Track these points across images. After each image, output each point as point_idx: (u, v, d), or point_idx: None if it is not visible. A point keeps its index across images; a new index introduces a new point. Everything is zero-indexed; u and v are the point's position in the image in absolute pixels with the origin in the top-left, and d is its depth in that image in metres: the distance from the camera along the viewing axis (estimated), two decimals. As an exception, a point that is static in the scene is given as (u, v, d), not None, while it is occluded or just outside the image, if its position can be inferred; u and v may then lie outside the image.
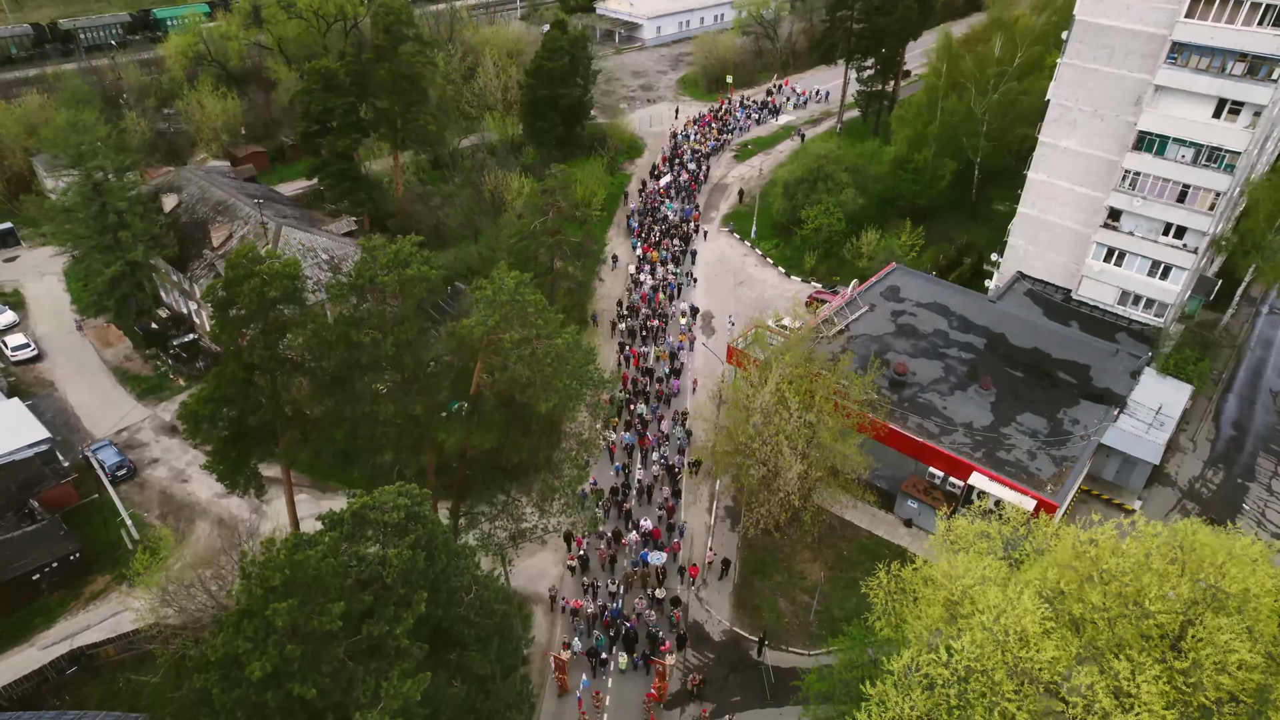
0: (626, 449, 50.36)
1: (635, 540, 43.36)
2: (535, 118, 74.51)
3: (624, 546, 43.78)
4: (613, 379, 37.06)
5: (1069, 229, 58.08)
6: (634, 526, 44.27)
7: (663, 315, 62.98)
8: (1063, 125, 55.80)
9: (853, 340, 54.10)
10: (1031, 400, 49.46)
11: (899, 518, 47.38)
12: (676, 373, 56.97)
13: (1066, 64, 53.91)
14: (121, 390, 56.08)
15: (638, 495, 47.73)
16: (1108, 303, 57.49)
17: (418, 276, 29.22)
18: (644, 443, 50.63)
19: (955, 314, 57.16)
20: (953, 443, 46.23)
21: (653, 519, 45.63)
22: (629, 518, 45.63)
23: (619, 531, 44.18)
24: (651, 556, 41.82)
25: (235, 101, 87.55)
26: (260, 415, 29.49)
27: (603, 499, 44.64)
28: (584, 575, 42.64)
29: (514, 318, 29.26)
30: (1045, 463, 45.12)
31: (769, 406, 37.23)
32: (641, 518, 45.01)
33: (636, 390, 55.04)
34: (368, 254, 29.96)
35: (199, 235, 58.05)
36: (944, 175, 73.66)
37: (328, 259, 55.59)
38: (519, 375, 28.82)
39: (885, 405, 47.22)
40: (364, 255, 30.13)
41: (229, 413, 29.95)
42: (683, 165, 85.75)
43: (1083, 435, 46.64)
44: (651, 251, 69.38)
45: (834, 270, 69.93)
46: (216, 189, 60.88)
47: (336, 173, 61.84)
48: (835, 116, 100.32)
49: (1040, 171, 58.05)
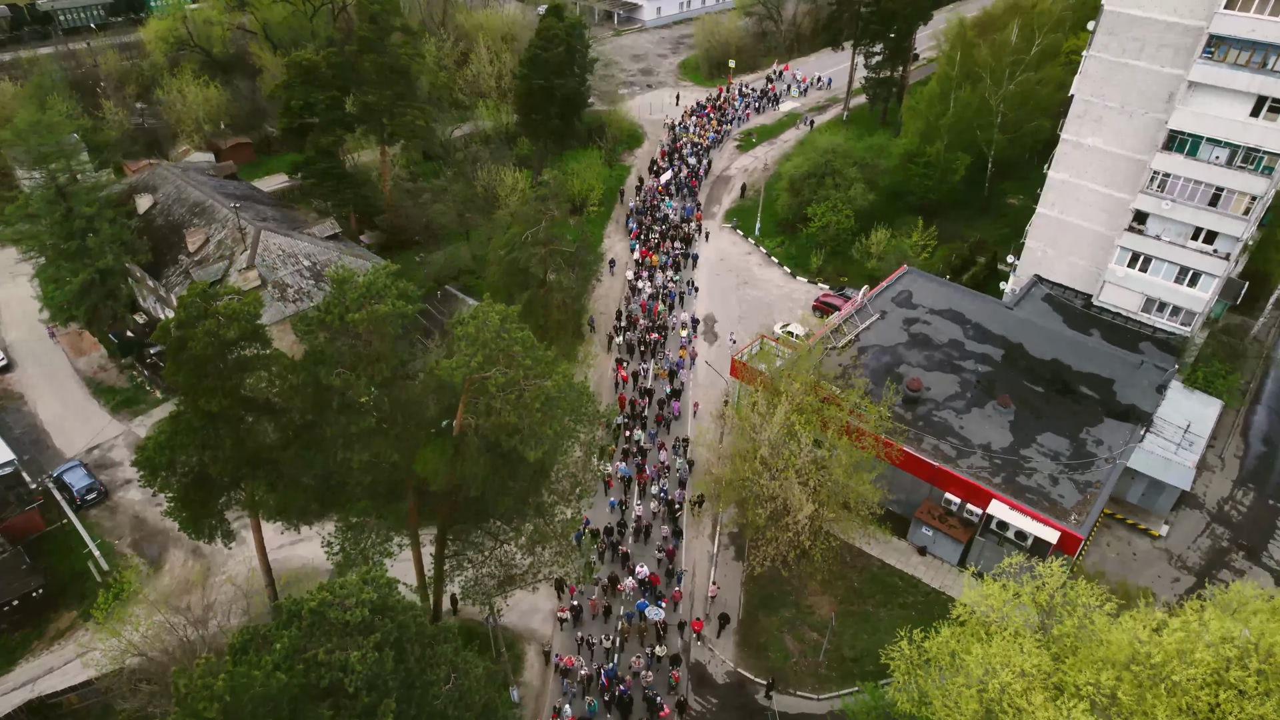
0: (623, 481, 47.05)
1: (632, 587, 40.44)
2: (530, 109, 71.09)
3: (620, 593, 40.87)
4: (609, 412, 34.32)
5: (1091, 231, 55.10)
6: (631, 572, 41.28)
7: (662, 328, 59.50)
8: (1087, 122, 52.62)
9: (864, 352, 51.32)
10: (1052, 418, 46.77)
11: (912, 544, 44.89)
12: (676, 394, 53.58)
13: (1093, 57, 50.63)
14: (94, 403, 53.43)
15: (635, 534, 44.38)
16: (1131, 310, 54.66)
17: (392, 314, 26.43)
18: (642, 476, 47.21)
19: (971, 322, 54.32)
20: (970, 467, 43.62)
21: (651, 563, 42.61)
22: (625, 560, 42.51)
23: (615, 577, 41.10)
24: (650, 611, 38.74)
25: (218, 90, 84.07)
26: (222, 464, 26.88)
27: (598, 539, 41.84)
28: (577, 628, 39.61)
29: (499, 357, 26.52)
30: (1068, 488, 42.53)
31: (778, 439, 34.58)
32: (638, 563, 41.88)
33: (634, 414, 51.72)
34: (336, 287, 27.14)
35: (175, 239, 55.10)
36: (957, 170, 70.42)
37: (309, 265, 52.70)
38: (505, 421, 26.17)
39: (900, 427, 44.58)
40: (332, 289, 27.31)
41: (189, 459, 27.37)
42: (683, 160, 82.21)
43: (1107, 458, 44.00)
44: (651, 255, 66.26)
45: (841, 270, 67.01)
46: (194, 189, 57.83)
47: (320, 171, 58.71)
48: (841, 103, 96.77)
49: (1062, 171, 54.95)
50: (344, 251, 54.62)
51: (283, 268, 51.81)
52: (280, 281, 51.23)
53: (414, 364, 53.40)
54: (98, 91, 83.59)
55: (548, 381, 26.53)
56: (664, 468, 48.30)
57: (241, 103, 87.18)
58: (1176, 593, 42.34)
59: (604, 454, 35.86)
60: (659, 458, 48.98)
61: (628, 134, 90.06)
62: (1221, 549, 44.69)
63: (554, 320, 43.55)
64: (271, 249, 52.18)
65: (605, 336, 57.73)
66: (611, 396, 53.28)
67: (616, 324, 58.40)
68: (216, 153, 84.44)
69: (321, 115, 56.95)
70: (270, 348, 27.63)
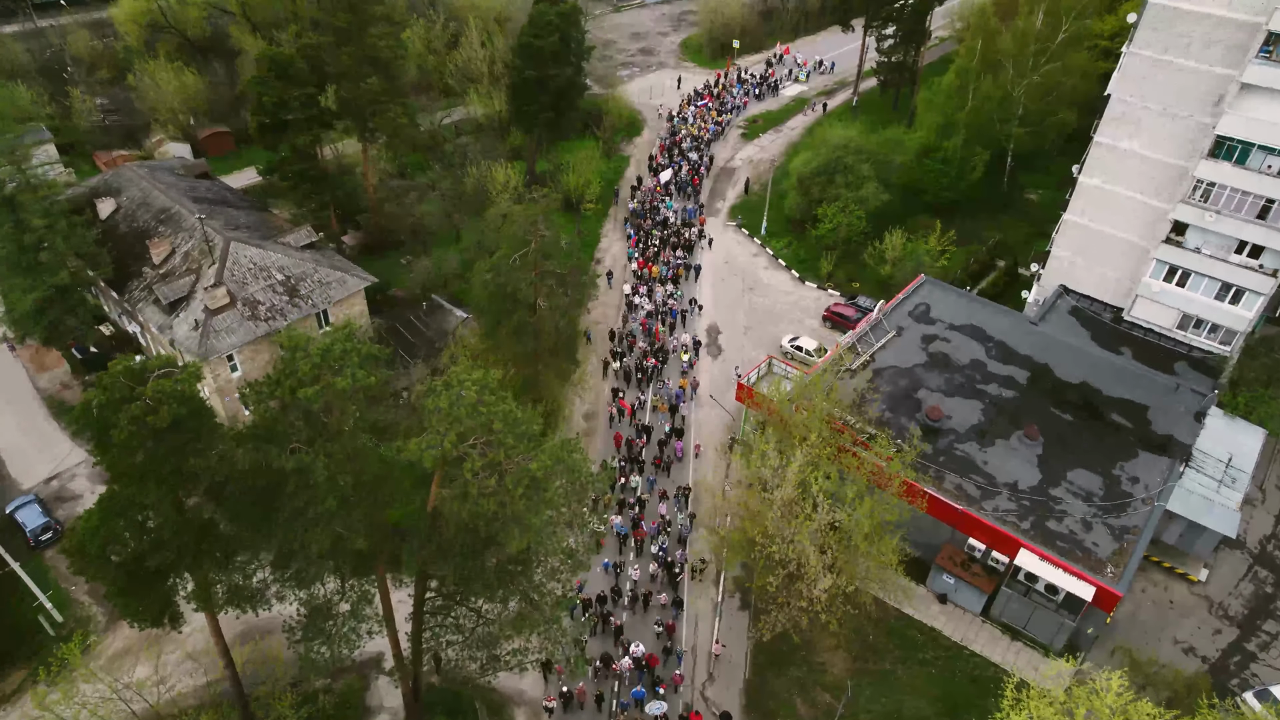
0: (618, 537, 42.72)
1: (627, 668, 36.38)
2: (522, 101, 66.71)
3: (613, 672, 36.93)
4: (606, 475, 30.82)
5: (1124, 242, 51.27)
6: (626, 650, 37.06)
7: (661, 352, 54.87)
8: (1124, 125, 48.56)
9: (879, 375, 47.77)
10: (1083, 451, 43.37)
11: (931, 591, 41.73)
12: (679, 433, 48.95)
13: (1133, 54, 46.46)
14: (55, 425, 50.01)
15: (631, 603, 40.01)
16: (1165, 326, 51.03)
17: (352, 389, 22.87)
18: (639, 533, 42.87)
19: (993, 339, 50.70)
20: (996, 509, 40.31)
21: (649, 638, 38.26)
22: (619, 635, 38.33)
23: (608, 656, 37.01)
24: (651, 706, 34.76)
25: (195, 76, 79.42)
26: (162, 553, 23.48)
27: (590, 611, 38.34)
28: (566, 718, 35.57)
29: (476, 436, 23.02)
30: (1103, 535, 39.25)
31: (791, 500, 31.21)
32: (634, 641, 37.38)
33: (631, 456, 47.31)
34: (288, 354, 23.53)
35: (139, 248, 51.24)
36: (975, 166, 66.34)
37: (283, 279, 48.92)
38: (483, 509, 22.79)
39: (920, 463, 41.23)
40: (283, 356, 23.71)
41: (124, 546, 24.04)
42: (683, 155, 77.43)
43: (1144, 499, 40.67)
44: (650, 267, 61.94)
45: (853, 275, 63.17)
46: (160, 192, 53.77)
47: (295, 173, 54.61)
48: (851, 87, 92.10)
49: (1094, 176, 50.97)
50: (321, 262, 50.79)
51: (254, 283, 48.05)
52: (251, 298, 47.51)
53: (397, 382, 50.33)
54: (64, 77, 78.94)
55: (533, 463, 23.04)
56: (664, 523, 43.94)
57: (219, 89, 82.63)
58: (1219, 647, 39.29)
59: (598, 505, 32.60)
60: (658, 509, 44.62)
61: (627, 122, 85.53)
62: (1265, 595, 41.58)
63: (545, 346, 39.95)
64: (242, 262, 48.35)
65: (601, 362, 53.69)
66: (606, 435, 49.47)
67: (613, 347, 54.39)
68: (193, 143, 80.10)
69: (296, 113, 52.74)
70: (214, 420, 24.10)
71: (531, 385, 42.20)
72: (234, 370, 47.22)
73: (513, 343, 39.99)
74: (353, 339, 24.15)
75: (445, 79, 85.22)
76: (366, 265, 64.27)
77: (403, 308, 56.32)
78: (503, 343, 40.60)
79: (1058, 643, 38.61)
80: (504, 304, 39.08)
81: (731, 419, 50.33)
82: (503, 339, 40.11)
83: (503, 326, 39.53)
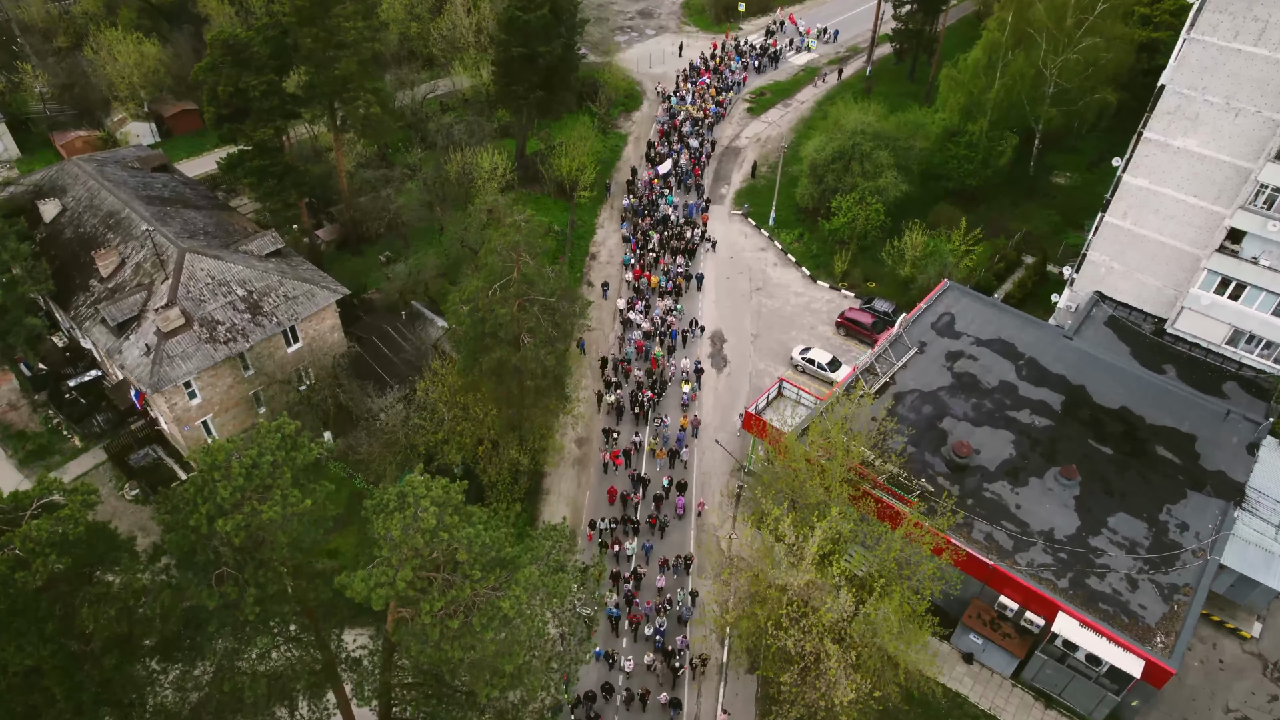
0: (611, 621, 37.91)
1: None
2: (509, 80, 61.04)
3: None
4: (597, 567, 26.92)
5: (1171, 248, 46.56)
6: None
7: (660, 382, 49.62)
8: (1180, 119, 43.41)
9: (900, 400, 43.54)
10: (1125, 493, 39.38)
11: (956, 649, 38.17)
12: (680, 487, 43.40)
13: (1196, 41, 41.13)
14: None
15: (625, 702, 35.34)
16: (1214, 341, 46.59)
17: (284, 518, 18.68)
18: (634, 616, 38.09)
19: (1024, 356, 46.34)
20: (1030, 564, 36.46)
21: None
22: None
23: None
24: None
25: (157, 47, 73.40)
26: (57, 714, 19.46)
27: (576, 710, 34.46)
28: None
29: (436, 568, 18.97)
30: (1150, 595, 35.45)
31: (808, 587, 27.27)
32: None
33: (624, 518, 42.43)
34: (203, 474, 19.24)
35: (86, 257, 46.58)
36: (1003, 151, 61.06)
37: (244, 295, 44.35)
38: (446, 655, 18.88)
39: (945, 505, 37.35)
40: (199, 475, 19.41)
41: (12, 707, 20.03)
42: (682, 141, 71.16)
43: (1196, 550, 36.79)
44: (649, 276, 56.62)
45: (870, 273, 58.41)
46: (109, 192, 48.82)
47: (257, 170, 49.49)
48: (864, 55, 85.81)
49: (1140, 175, 45.96)
50: (287, 273, 46.17)
51: (212, 300, 43.52)
52: (209, 318, 43.04)
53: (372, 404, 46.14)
54: (13, 50, 72.94)
55: (504, 601, 19.01)
56: (663, 601, 39.04)
57: (185, 60, 76.42)
58: (1275, 715, 35.81)
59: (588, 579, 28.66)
60: (655, 581, 39.78)
61: (624, 94, 79.79)
62: (1324, 654, 38.01)
63: (530, 386, 35.59)
64: (199, 276, 43.74)
65: (595, 395, 48.74)
66: (599, 489, 44.35)
67: (606, 376, 49.57)
68: (159, 121, 74.66)
69: (256, 105, 47.47)
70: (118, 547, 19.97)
71: (516, 424, 37.98)
72: (192, 397, 43.03)
73: (493, 382, 35.65)
74: (287, 445, 19.84)
75: (429, 48, 79.22)
76: (342, 262, 59.78)
77: (380, 316, 51.80)
78: (481, 381, 36.24)
79: (1098, 716, 35.16)
80: (481, 341, 34.59)
81: (739, 464, 45.84)
82: (481, 376, 35.73)
83: (481, 363, 35.12)
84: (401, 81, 74.70)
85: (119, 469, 44.63)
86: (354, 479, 44.47)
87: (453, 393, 39.08)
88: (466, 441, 39.13)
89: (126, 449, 45.63)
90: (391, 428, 40.82)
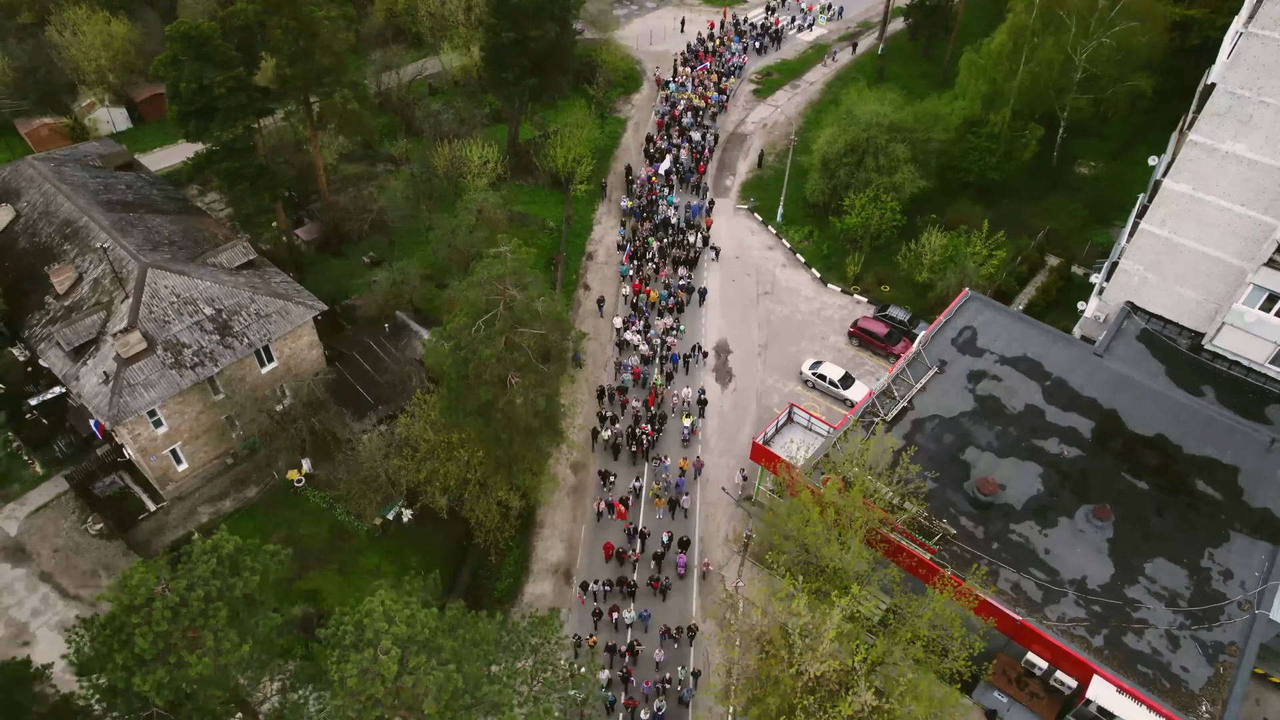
0: (605, 706, 34.01)
1: None
2: (499, 66, 56.86)
3: None
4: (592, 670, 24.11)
5: (1213, 259, 43.09)
6: None
7: (659, 417, 45.78)
8: (1230, 122, 39.65)
9: (919, 428, 40.48)
10: (1163, 535, 36.50)
11: (978, 705, 35.59)
12: (682, 544, 39.58)
13: (1255, 35, 37.22)
14: (-42, 481, 43.12)
15: None
16: (1257, 361, 43.35)
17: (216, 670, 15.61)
18: (630, 702, 34.29)
19: (1051, 376, 43.18)
20: (1062, 618, 33.69)
21: None
22: None
23: None
24: None
25: (126, 26, 69.00)
26: None
27: None
28: None
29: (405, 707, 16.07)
30: (1193, 654, 32.74)
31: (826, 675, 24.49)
32: None
33: (621, 579, 38.74)
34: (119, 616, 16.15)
35: (41, 271, 43.19)
36: (1028, 144, 57.18)
37: (212, 314, 41.04)
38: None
39: (971, 559, 34.56)
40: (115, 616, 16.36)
41: None
42: (683, 134, 66.57)
43: (1242, 603, 34.02)
44: (648, 290, 52.62)
45: (885, 276, 54.93)
46: (66, 198, 45.21)
47: (227, 172, 45.78)
48: (876, 29, 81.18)
49: (1183, 181, 42.29)
50: (260, 289, 42.81)
51: (177, 320, 40.23)
52: (174, 340, 39.80)
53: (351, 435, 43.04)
54: (-27, 31, 68.56)
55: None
56: (662, 680, 35.06)
57: (157, 41, 71.85)
58: (1320, 783, 33.37)
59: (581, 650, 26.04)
60: (654, 654, 35.96)
61: (624, 75, 75.44)
62: (1373, 710, 35.47)
63: (520, 429, 32.41)
64: (162, 294, 40.40)
65: (590, 432, 44.99)
66: (592, 543, 40.75)
67: (600, 409, 45.79)
68: (130, 106, 70.60)
69: (222, 102, 43.63)
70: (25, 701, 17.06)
71: (505, 463, 34.94)
72: (158, 426, 39.97)
73: (478, 425, 32.50)
74: (225, 571, 16.78)
75: (416, 25, 74.71)
76: (324, 264, 56.30)
77: (362, 329, 48.54)
78: (465, 423, 33.08)
79: (1134, 786, 32.65)
80: (465, 382, 31.39)
81: (746, 508, 42.32)
82: (465, 418, 32.56)
83: (464, 404, 31.95)
84: (387, 63, 70.56)
85: (82, 500, 41.74)
86: (335, 510, 41.64)
87: (435, 431, 36.01)
88: (451, 483, 36.15)
89: (91, 476, 42.71)
90: (371, 462, 37.82)
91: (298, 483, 42.71)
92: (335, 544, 41.07)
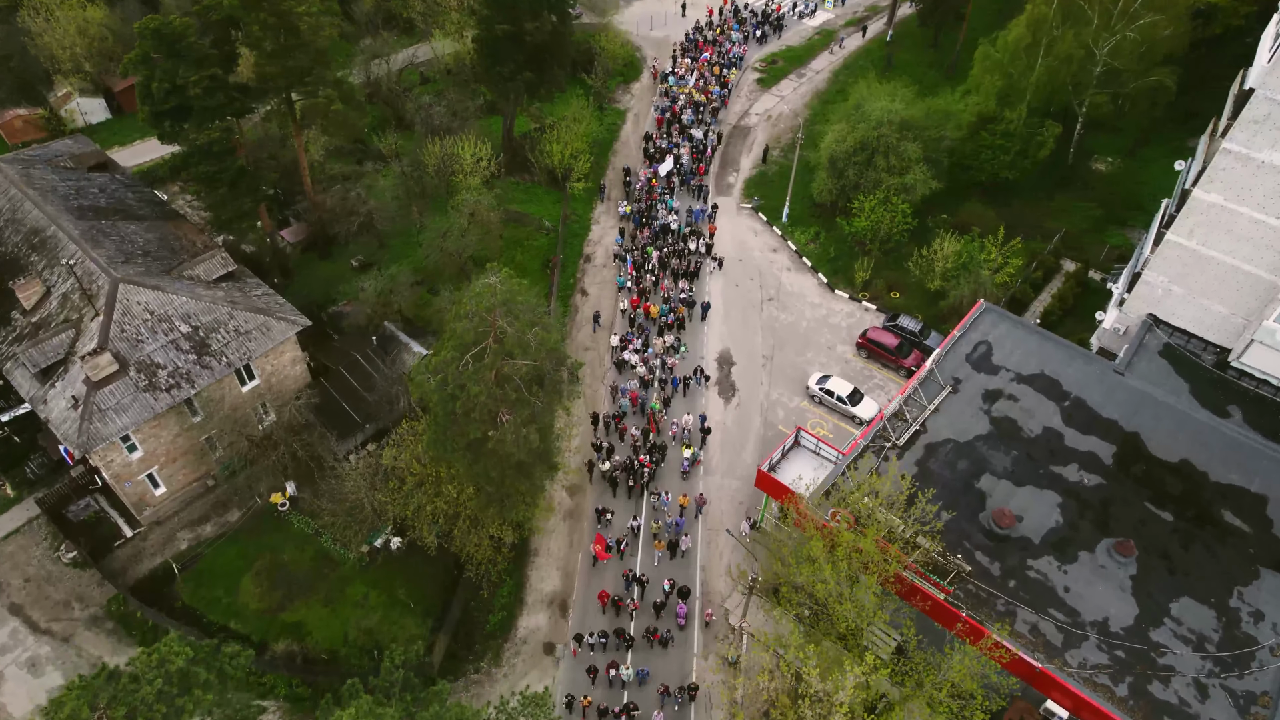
0: None
1: None
2: (493, 60, 54.15)
3: None
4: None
5: (1244, 273, 40.95)
6: None
7: (658, 449, 42.92)
8: (1269, 129, 37.33)
9: (932, 454, 38.56)
10: (1189, 571, 34.74)
11: (995, 750, 34.04)
12: (683, 593, 37.25)
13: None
14: (-75, 503, 41.24)
15: None
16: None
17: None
18: None
19: (1070, 395, 41.20)
20: (1083, 664, 32.02)
21: None
22: None
23: None
24: None
25: (103, 12, 66.07)
26: None
27: None
28: None
29: None
30: (1222, 706, 31.08)
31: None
32: None
33: (618, 630, 36.14)
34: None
35: (6, 285, 40.93)
36: (1044, 143, 54.74)
37: (188, 332, 38.88)
38: None
39: (987, 599, 32.82)
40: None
41: None
42: (684, 132, 63.58)
43: (1274, 648, 32.33)
44: (648, 306, 50.15)
45: (895, 282, 52.73)
46: (34, 204, 42.81)
47: (206, 176, 43.35)
48: (885, 15, 78.23)
49: (1215, 191, 40.02)
50: (239, 303, 40.61)
51: (151, 339, 38.08)
52: (147, 360, 37.68)
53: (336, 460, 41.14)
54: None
55: None
56: None
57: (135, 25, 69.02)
58: (1350, 836, 31.81)
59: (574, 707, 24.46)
60: (653, 717, 33.45)
61: (623, 63, 72.57)
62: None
63: (512, 465, 30.44)
64: (135, 311, 38.21)
65: (586, 463, 42.69)
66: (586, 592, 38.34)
67: (595, 439, 43.31)
68: (108, 96, 67.84)
69: (197, 103, 41.14)
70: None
71: (497, 498, 33.02)
72: (132, 451, 38.00)
73: (466, 460, 30.53)
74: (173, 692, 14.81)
75: (408, 10, 71.65)
76: (310, 267, 54.05)
77: (349, 341, 46.41)
78: (453, 459, 31.11)
79: (1157, 843, 31.20)
80: (452, 417, 29.38)
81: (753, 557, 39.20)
82: (453, 454, 30.59)
83: (451, 439, 29.96)
84: (376, 52, 67.71)
85: (55, 525, 39.88)
86: (321, 537, 39.81)
87: (422, 463, 34.05)
88: (440, 519, 34.26)
89: (64, 500, 40.85)
90: (356, 493, 35.90)
91: (282, 506, 40.87)
92: (321, 572, 39.28)
